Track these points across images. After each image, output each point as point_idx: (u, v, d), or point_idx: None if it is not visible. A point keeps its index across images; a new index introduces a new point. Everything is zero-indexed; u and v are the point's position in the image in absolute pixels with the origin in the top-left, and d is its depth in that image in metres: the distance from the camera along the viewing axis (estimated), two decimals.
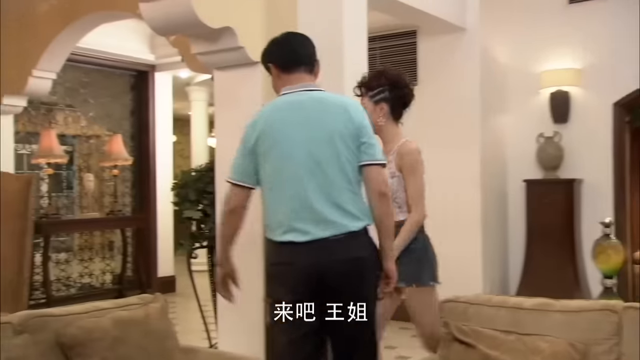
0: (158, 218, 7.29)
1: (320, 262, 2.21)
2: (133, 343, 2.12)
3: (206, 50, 3.29)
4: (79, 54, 5.93)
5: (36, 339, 2.01)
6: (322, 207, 2.23)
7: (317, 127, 2.29)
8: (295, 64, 2.42)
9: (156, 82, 7.31)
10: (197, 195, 3.70)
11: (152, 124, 7.31)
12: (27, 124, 6.43)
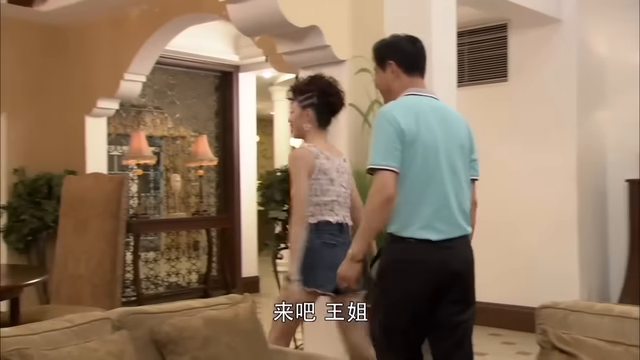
0: (242, 218, 7.46)
1: (447, 261, 2.34)
2: (223, 343, 2.17)
3: (292, 50, 3.33)
4: (166, 57, 6.16)
5: (133, 335, 2.10)
6: (456, 209, 2.38)
7: (453, 135, 2.43)
8: (420, 67, 2.51)
9: (240, 83, 7.48)
10: (282, 195, 3.76)
11: (236, 125, 7.49)
12: (118, 126, 6.74)
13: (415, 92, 2.45)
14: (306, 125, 2.97)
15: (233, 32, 6.90)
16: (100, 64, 5.59)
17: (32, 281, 3.30)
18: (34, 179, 5.52)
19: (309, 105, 2.95)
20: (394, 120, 2.32)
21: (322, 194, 2.88)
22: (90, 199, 4.22)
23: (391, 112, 2.36)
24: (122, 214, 4.16)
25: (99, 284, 4.08)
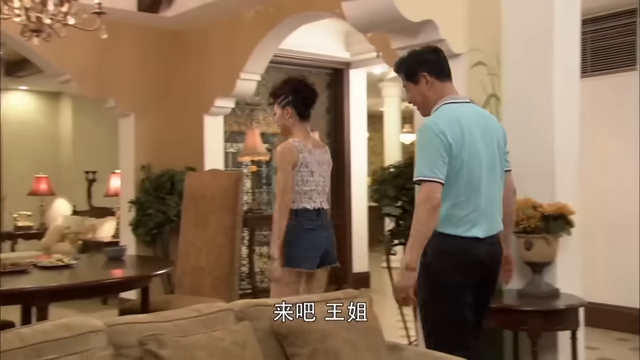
0: (353, 214, 7.50)
1: (489, 254, 2.60)
2: (341, 337, 2.20)
3: (406, 45, 3.31)
4: (279, 56, 6.31)
5: (255, 326, 2.18)
6: (495, 208, 2.62)
7: (492, 138, 2.60)
8: (448, 73, 2.64)
9: (351, 80, 7.52)
10: (396, 191, 3.75)
11: (347, 121, 7.54)
12: (233, 124, 6.98)
13: (453, 100, 2.59)
14: (288, 121, 3.34)
15: (344, 29, 6.95)
16: (217, 64, 5.82)
17: (160, 272, 3.50)
18: (158, 175, 5.85)
19: (287, 104, 3.33)
20: (441, 132, 2.47)
21: (302, 184, 3.25)
22: (209, 194, 4.41)
23: (437, 124, 2.49)
24: (239, 209, 4.32)
25: (218, 276, 4.26)
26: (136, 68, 5.93)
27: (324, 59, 7.24)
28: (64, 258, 3.66)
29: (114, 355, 1.84)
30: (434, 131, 2.47)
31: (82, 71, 5.66)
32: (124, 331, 1.96)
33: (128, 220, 6.00)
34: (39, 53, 5.26)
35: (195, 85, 6.01)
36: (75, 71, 5.62)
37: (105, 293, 5.05)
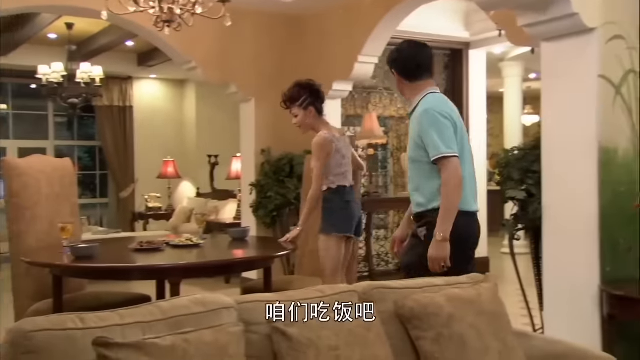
0: None
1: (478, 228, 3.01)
2: (466, 321, 2.16)
3: (535, 21, 3.15)
4: (396, 37, 6.21)
5: (379, 308, 2.18)
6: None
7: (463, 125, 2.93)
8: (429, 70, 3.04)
9: (470, 60, 7.31)
10: (520, 174, 3.61)
11: (466, 103, 7.34)
12: (349, 107, 7.01)
13: (435, 91, 2.96)
14: (311, 120, 3.80)
15: (463, 9, 6.75)
16: (335, 48, 5.85)
17: (282, 253, 3.60)
18: (278, 159, 6.00)
19: (308, 105, 3.78)
20: (449, 115, 2.81)
21: (338, 167, 3.75)
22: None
23: (443, 108, 2.83)
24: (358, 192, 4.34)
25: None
26: (257, 54, 6.09)
27: (442, 40, 7.08)
28: (192, 238, 3.85)
29: (244, 331, 1.91)
30: (441, 114, 2.78)
31: (207, 58, 5.90)
32: (253, 309, 2.03)
33: (249, 203, 6.21)
34: (168, 43, 5.54)
35: (313, 69, 6.07)
36: (200, 59, 5.87)
37: (230, 272, 5.27)
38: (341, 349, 1.95)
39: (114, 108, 10.58)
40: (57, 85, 7.58)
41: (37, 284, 3.72)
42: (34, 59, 8.30)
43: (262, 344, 1.97)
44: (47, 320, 1.68)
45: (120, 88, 10.63)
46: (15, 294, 3.77)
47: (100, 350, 1.61)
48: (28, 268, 3.61)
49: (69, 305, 3.41)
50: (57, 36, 8.40)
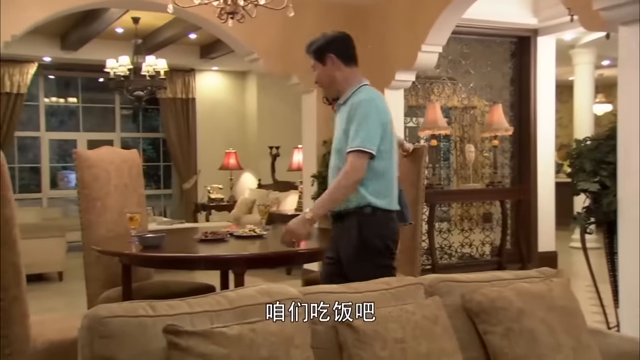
0: (539, 190, 7.14)
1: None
2: (537, 317, 2.11)
3: (612, 4, 3.03)
4: (461, 26, 6.11)
5: (445, 301, 2.16)
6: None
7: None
8: (356, 59, 2.88)
9: (538, 47, 7.10)
10: (593, 165, 3.49)
11: (533, 92, 7.15)
12: (411, 97, 6.93)
13: (367, 83, 2.84)
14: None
15: None
16: (398, 37, 5.80)
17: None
18: None
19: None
20: (384, 113, 2.73)
21: None
22: None
23: (380, 104, 2.75)
24: (421, 183, 4.29)
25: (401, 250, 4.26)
26: None
27: (508, 27, 6.91)
28: (256, 228, 3.90)
29: (310, 322, 1.92)
30: (377, 107, 2.71)
31: (269, 49, 5.95)
32: (318, 300, 2.04)
33: (310, 194, 6.24)
34: (231, 34, 5.62)
35: (376, 59, 6.03)
36: (263, 50, 5.92)
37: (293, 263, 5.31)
38: (407, 342, 1.94)
39: (177, 100, 10.83)
40: (124, 78, 7.81)
41: (107, 272, 3.86)
42: (102, 53, 8.58)
43: (327, 335, 1.98)
44: (120, 307, 1.74)
45: (183, 80, 10.86)
46: (87, 281, 3.92)
47: (170, 337, 1.66)
48: (99, 256, 3.75)
49: (138, 293, 3.52)
50: (123, 30, 8.65)
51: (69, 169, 11.02)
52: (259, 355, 1.71)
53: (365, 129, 2.65)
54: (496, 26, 6.84)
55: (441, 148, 7.46)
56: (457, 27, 5.93)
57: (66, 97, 11.05)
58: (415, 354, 1.93)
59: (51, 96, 10.86)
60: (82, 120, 11.04)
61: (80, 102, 11.01)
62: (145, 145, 11.61)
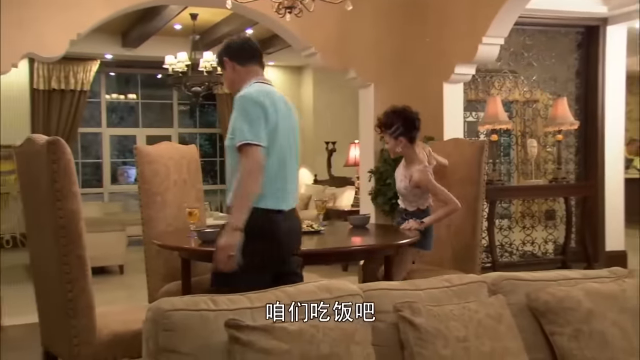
0: (606, 186, 6.92)
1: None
2: (608, 318, 2.05)
3: None
4: (523, 17, 5.95)
5: (509, 300, 2.12)
6: (296, 185, 2.95)
7: (291, 119, 2.90)
8: (254, 60, 2.95)
9: (607, 37, 6.86)
10: None
11: (601, 84, 6.91)
12: (470, 91, 6.81)
13: (261, 80, 2.89)
14: (402, 149, 3.85)
15: None
16: (458, 29, 5.70)
17: (404, 241, 3.57)
18: None
19: (399, 134, 3.80)
20: (263, 105, 2.71)
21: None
22: (451, 164, 4.36)
23: (260, 97, 2.74)
24: (482, 179, 4.22)
25: (459, 248, 4.23)
26: (376, 38, 6.07)
27: (575, 17, 6.69)
28: (313, 224, 3.91)
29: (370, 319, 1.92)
30: (253, 101, 2.72)
31: (326, 44, 5.95)
32: (379, 296, 2.04)
33: (367, 190, 6.22)
34: (289, 29, 5.64)
35: (435, 52, 5.97)
36: (320, 44, 5.93)
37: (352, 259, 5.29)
38: (470, 341, 1.92)
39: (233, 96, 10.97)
40: (182, 74, 7.97)
41: (167, 266, 3.95)
42: (161, 49, 8.79)
43: (388, 332, 1.98)
44: (182, 300, 1.78)
45: None
46: (147, 274, 4.02)
47: (231, 331, 1.68)
48: (159, 250, 3.84)
49: (197, 287, 3.59)
50: (182, 27, 8.83)
51: (129, 164, 11.34)
52: (319, 351, 1.72)
53: (244, 122, 2.67)
54: (562, 16, 6.64)
55: (501, 143, 7.30)
56: (520, 18, 5.78)
57: (126, 94, 11.37)
58: (478, 353, 1.90)
59: (112, 93, 11.19)
60: (142, 116, 11.33)
61: (140, 98, 11.30)
62: (201, 141, 11.83)
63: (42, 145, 2.77)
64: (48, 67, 9.64)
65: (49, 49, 5.30)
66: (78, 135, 10.37)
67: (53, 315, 2.96)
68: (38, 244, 3.05)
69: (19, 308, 5.27)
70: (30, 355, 4.14)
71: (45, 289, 3.05)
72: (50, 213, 2.75)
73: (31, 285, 3.21)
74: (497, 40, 5.48)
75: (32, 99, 9.76)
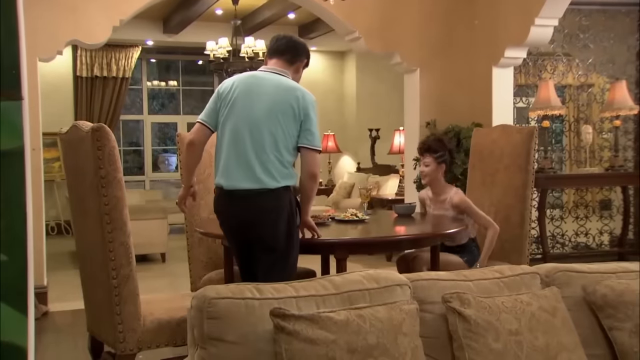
0: None
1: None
2: None
3: None
4: None
5: (564, 293, 2.08)
6: (256, 164, 2.98)
7: (262, 100, 3.00)
8: (276, 54, 3.17)
9: None
10: None
11: None
12: (520, 76, 6.67)
13: (262, 69, 3.19)
14: (439, 175, 4.00)
15: None
16: (508, 11, 5.59)
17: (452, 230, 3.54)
18: (443, 132, 5.88)
19: (443, 161, 3.97)
20: (219, 90, 3.11)
21: None
22: (498, 151, 4.30)
23: (223, 83, 3.14)
24: (530, 167, 4.14)
25: (506, 239, 4.16)
26: (422, 21, 6.00)
27: None
28: (357, 213, 3.91)
29: (418, 309, 1.91)
30: (218, 89, 3.13)
31: (370, 28, 5.91)
32: (427, 287, 2.03)
33: (412, 178, 6.18)
34: (332, 13, 5.62)
35: (484, 35, 5.87)
36: (364, 28, 5.89)
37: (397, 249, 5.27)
38: (523, 334, 1.89)
39: None
40: (223, 60, 8.02)
41: (209, 254, 4.01)
42: (202, 35, 8.87)
43: (436, 323, 1.96)
44: (227, 288, 1.80)
45: None
46: (190, 262, 4.08)
47: (277, 320, 1.70)
48: (201, 239, 3.90)
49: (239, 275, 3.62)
50: (223, 12, 8.88)
51: (170, 151, 11.51)
52: (366, 341, 1.72)
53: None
54: None
55: (553, 130, 7.15)
56: None
57: (167, 81, 11.52)
58: (531, 348, 1.88)
59: (152, 80, 11.36)
60: (182, 103, 11.48)
61: (181, 85, 11.44)
62: None
63: (86, 132, 2.83)
64: (91, 54, 9.84)
65: (92, 35, 5.41)
66: (120, 122, 10.57)
67: (98, 301, 3.03)
68: (83, 231, 3.13)
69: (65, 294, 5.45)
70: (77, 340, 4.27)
71: (90, 276, 3.13)
72: (95, 200, 2.81)
73: (77, 271, 3.30)
74: (550, 22, 5.34)
75: (75, 87, 9.98)
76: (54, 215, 9.47)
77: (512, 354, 1.85)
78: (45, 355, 4.24)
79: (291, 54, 3.18)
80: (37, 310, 5.02)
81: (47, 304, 5.32)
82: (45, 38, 5.18)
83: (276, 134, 2.96)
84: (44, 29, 5.13)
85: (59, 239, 9.00)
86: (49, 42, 5.23)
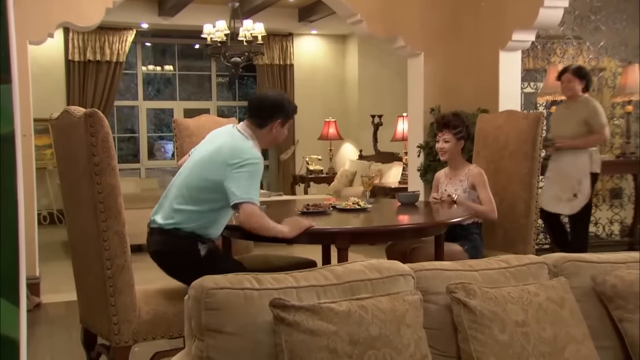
0: None
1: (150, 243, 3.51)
2: None
3: None
4: None
5: (572, 283, 2.09)
6: (166, 206, 3.36)
7: (204, 152, 3.23)
8: (251, 115, 3.30)
9: None
10: None
11: None
12: (530, 60, 6.66)
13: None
14: (457, 151, 4.07)
15: None
16: None
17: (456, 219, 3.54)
18: None
19: (461, 137, 4.05)
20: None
21: None
22: (503, 137, 4.28)
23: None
24: (537, 154, 4.12)
25: (511, 228, 4.16)
26: (426, 3, 5.97)
27: None
28: (359, 201, 3.91)
29: (422, 300, 1.92)
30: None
31: (373, 10, 5.88)
32: (431, 277, 2.03)
33: (416, 166, 6.18)
34: None
35: (490, 17, 5.84)
36: (366, 11, 5.86)
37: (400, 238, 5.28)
38: (530, 325, 1.90)
39: (274, 67, 10.99)
40: (221, 44, 8.00)
41: None
42: (199, 18, 8.83)
43: (440, 314, 1.97)
44: (226, 279, 1.80)
45: (281, 45, 10.99)
46: None
47: (277, 311, 1.70)
48: None
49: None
50: None
51: (166, 138, 11.51)
52: (368, 333, 1.72)
53: None
54: None
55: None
56: None
57: (162, 65, 11.50)
58: (539, 339, 1.88)
59: (148, 64, 11.33)
60: (179, 88, 11.46)
61: (177, 69, 11.42)
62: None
63: (79, 118, 2.83)
64: (83, 37, 9.81)
65: (84, 17, 5.38)
66: (114, 108, 10.55)
67: (92, 292, 3.04)
68: (76, 220, 3.13)
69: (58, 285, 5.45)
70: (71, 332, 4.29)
71: (83, 266, 3.13)
72: (89, 188, 2.81)
73: (69, 262, 3.30)
74: (560, 3, 5.31)
75: (67, 71, 9.96)
76: (46, 204, 9.48)
77: (518, 345, 1.86)
78: (38, 347, 4.25)
79: (257, 116, 3.26)
80: (29, 302, 5.04)
81: (40, 296, 5.34)
82: (36, 20, 5.16)
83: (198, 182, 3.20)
84: (34, 10, 5.11)
85: (52, 228, 9.01)
86: (40, 25, 5.21)
